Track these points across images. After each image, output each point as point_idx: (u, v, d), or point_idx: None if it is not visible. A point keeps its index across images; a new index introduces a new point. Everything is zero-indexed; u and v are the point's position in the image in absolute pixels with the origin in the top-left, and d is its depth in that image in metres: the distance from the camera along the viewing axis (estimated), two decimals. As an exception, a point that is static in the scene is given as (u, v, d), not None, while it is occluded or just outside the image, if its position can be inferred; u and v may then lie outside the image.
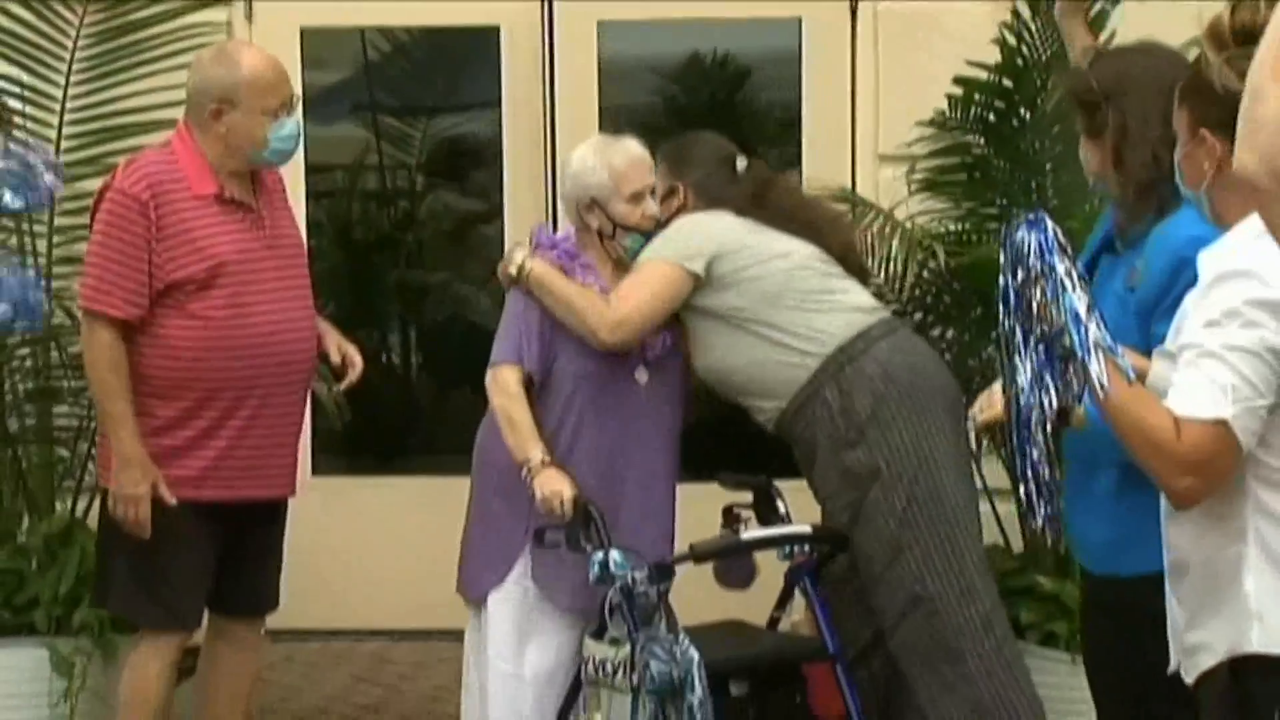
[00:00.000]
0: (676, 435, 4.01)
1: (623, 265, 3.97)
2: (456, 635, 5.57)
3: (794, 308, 3.89)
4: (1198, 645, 2.43)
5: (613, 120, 5.49)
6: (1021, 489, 2.34)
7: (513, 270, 3.89)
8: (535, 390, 3.90)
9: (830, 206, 4.35)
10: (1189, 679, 2.46)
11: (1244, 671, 2.37)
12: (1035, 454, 2.31)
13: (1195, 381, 2.32)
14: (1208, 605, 2.40)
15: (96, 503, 4.69)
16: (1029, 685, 3.83)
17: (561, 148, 5.37)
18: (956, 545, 3.81)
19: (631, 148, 3.95)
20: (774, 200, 4.06)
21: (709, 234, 3.94)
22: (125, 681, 4.07)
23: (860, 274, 4.10)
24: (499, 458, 3.88)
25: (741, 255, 3.91)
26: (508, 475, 3.83)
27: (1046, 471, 2.32)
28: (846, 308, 3.93)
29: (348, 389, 4.16)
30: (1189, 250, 2.82)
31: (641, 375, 3.93)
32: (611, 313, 3.85)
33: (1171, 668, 2.49)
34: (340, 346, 4.14)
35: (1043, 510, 2.33)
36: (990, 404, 3.17)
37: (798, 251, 3.96)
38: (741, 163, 4.11)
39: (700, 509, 4.08)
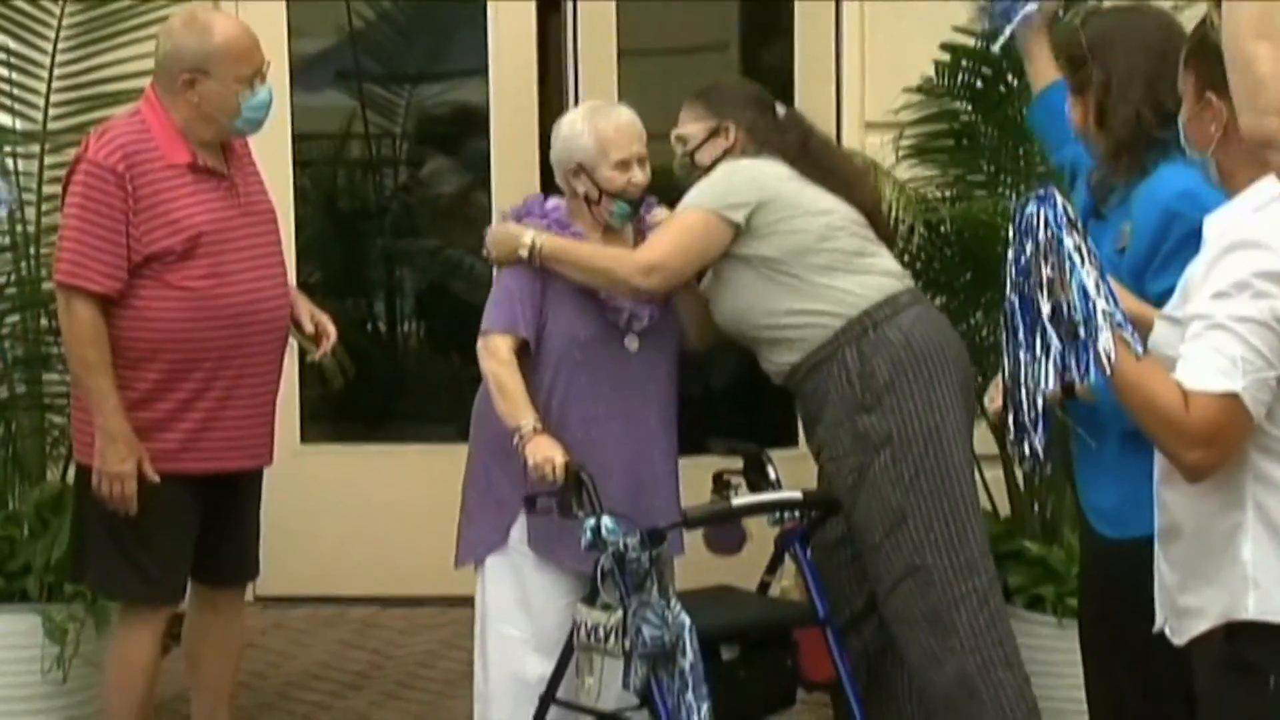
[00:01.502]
0: (671, 405, 4.01)
1: (612, 232, 3.97)
2: (445, 601, 5.63)
3: (825, 266, 3.85)
4: (1190, 609, 2.44)
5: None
6: (1011, 417, 2.34)
7: (523, 252, 3.84)
8: (529, 358, 3.91)
9: (857, 164, 4.29)
10: (1178, 640, 2.48)
11: (1239, 638, 2.39)
12: (1028, 409, 2.33)
13: (1204, 354, 2.32)
14: (1202, 571, 2.42)
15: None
16: (1018, 662, 3.83)
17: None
18: (959, 518, 3.80)
19: (621, 114, 3.95)
20: (814, 150, 4.01)
21: (758, 182, 3.87)
22: (113, 656, 4.08)
23: (887, 238, 4.05)
24: (494, 424, 3.89)
25: (785, 207, 3.86)
26: (503, 441, 3.84)
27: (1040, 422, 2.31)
28: (877, 271, 3.90)
29: (322, 357, 4.12)
30: (1177, 205, 2.86)
31: (632, 343, 3.93)
32: (641, 257, 3.83)
33: (1157, 627, 2.51)
34: (313, 315, 4.11)
35: (1033, 440, 2.33)
36: (993, 390, 3.19)
37: (838, 211, 3.91)
38: (781, 109, 4.06)
39: (691, 478, 4.09)
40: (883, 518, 3.82)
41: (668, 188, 4.09)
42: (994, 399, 3.20)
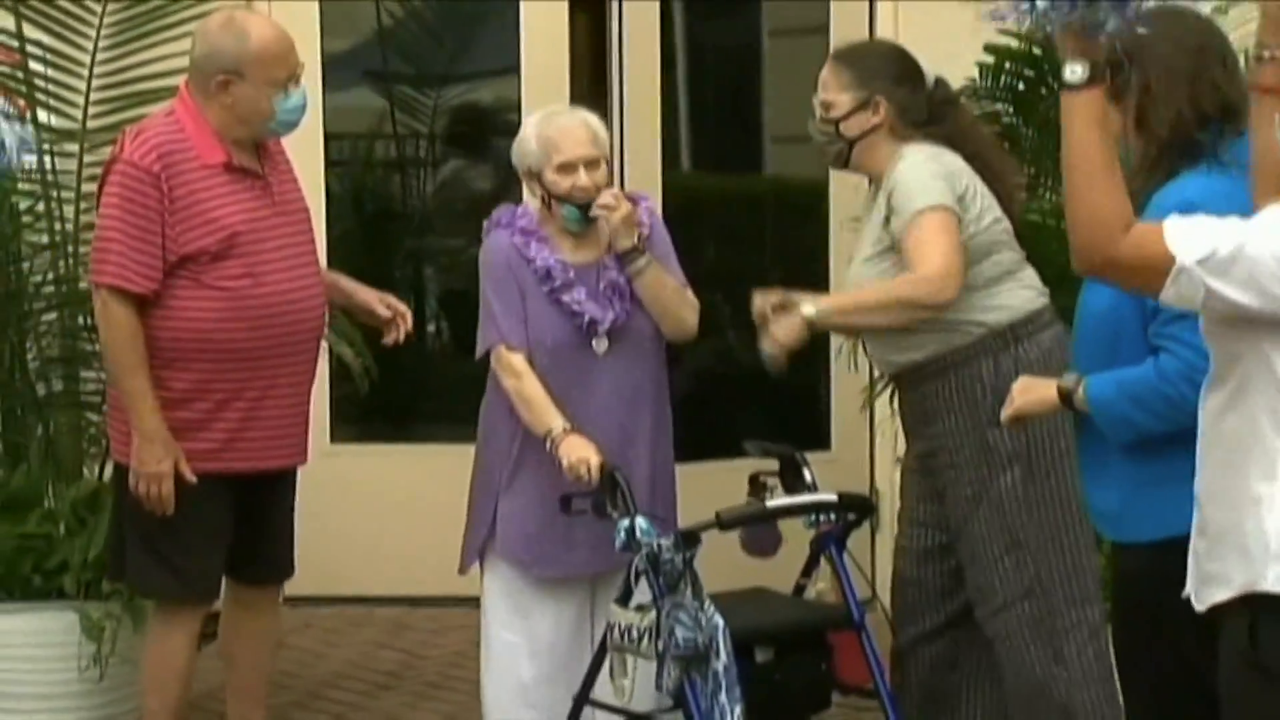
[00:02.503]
0: (654, 405, 3.94)
1: (579, 237, 3.91)
2: (473, 602, 5.58)
3: (990, 277, 3.70)
4: (1213, 575, 2.46)
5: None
6: None
7: (805, 331, 3.62)
8: None
9: (1002, 152, 4.07)
10: (1200, 606, 2.49)
11: (1260, 610, 2.40)
12: None
13: (1204, 228, 2.36)
14: (1229, 538, 2.43)
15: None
16: (1119, 698, 3.62)
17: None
18: (1077, 546, 3.69)
19: (568, 118, 3.91)
20: (970, 135, 3.83)
21: (960, 179, 3.70)
22: (148, 654, 4.09)
23: (1019, 239, 3.88)
24: (495, 431, 3.93)
25: (972, 209, 3.71)
26: (499, 445, 3.89)
27: None
28: (1026, 284, 3.76)
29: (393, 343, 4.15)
30: (1181, 211, 2.82)
31: (600, 346, 3.91)
32: (929, 271, 3.61)
33: (1185, 592, 2.51)
34: (383, 299, 4.14)
35: None
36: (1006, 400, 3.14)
37: (1004, 220, 3.76)
38: (930, 76, 3.87)
39: (726, 480, 4.09)
40: (1002, 535, 3.70)
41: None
42: None
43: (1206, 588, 2.48)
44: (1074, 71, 2.38)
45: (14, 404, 4.77)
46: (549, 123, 3.90)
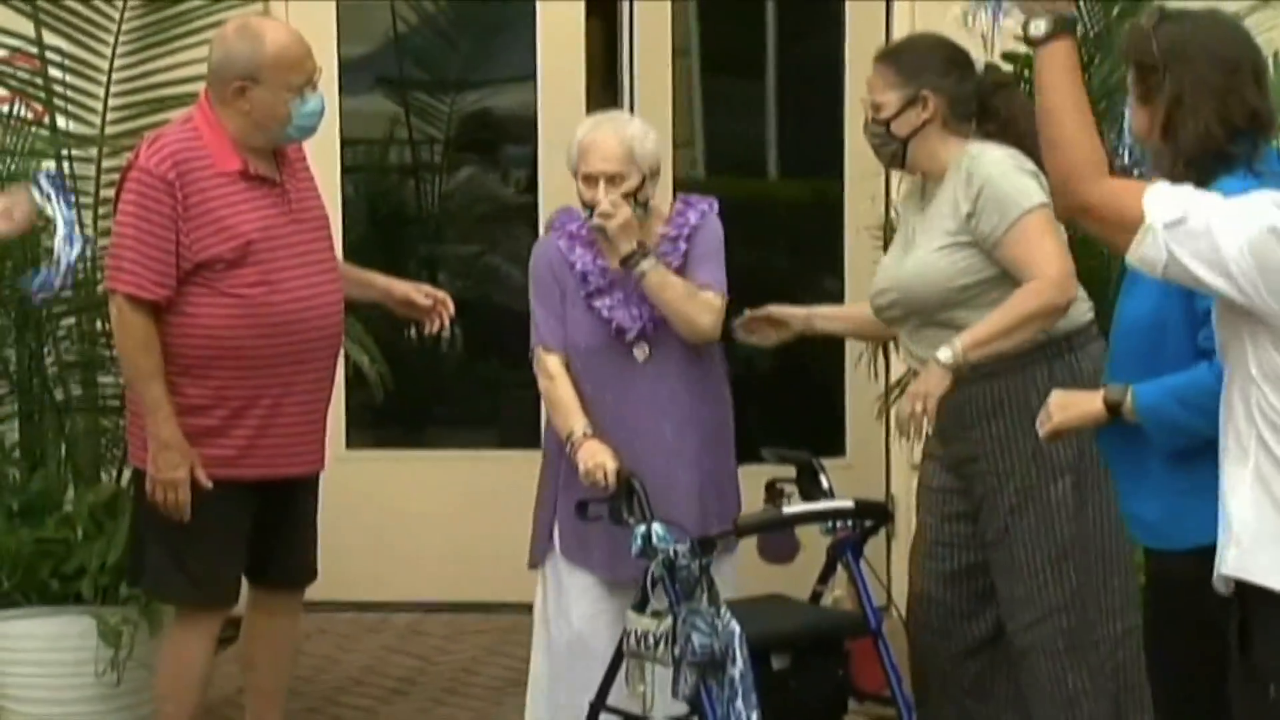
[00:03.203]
0: (699, 411, 3.94)
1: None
2: (488, 608, 5.66)
3: None
4: (1220, 558, 2.52)
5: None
6: None
7: (941, 384, 3.52)
8: None
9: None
10: (1223, 589, 2.54)
11: (1242, 590, 2.47)
12: None
13: (1182, 197, 2.42)
14: (1222, 520, 2.50)
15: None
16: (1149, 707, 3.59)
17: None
18: (1116, 559, 3.66)
19: (606, 129, 3.92)
20: (1023, 121, 3.65)
21: (1039, 175, 3.58)
22: (164, 659, 4.09)
23: None
24: (552, 432, 3.94)
25: None
26: (553, 447, 3.89)
27: None
28: (1081, 295, 3.69)
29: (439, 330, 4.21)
30: None
31: (640, 353, 3.93)
32: (1051, 274, 3.56)
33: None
34: (419, 289, 4.18)
35: None
36: (1043, 415, 3.09)
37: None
38: (979, 63, 3.83)
39: (743, 486, 4.09)
40: (1048, 545, 3.66)
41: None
42: None
43: (1218, 570, 2.54)
44: (1036, 26, 2.48)
45: (32, 408, 4.78)
46: (590, 129, 3.94)
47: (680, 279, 3.92)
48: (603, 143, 3.88)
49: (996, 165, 3.65)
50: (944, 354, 3.53)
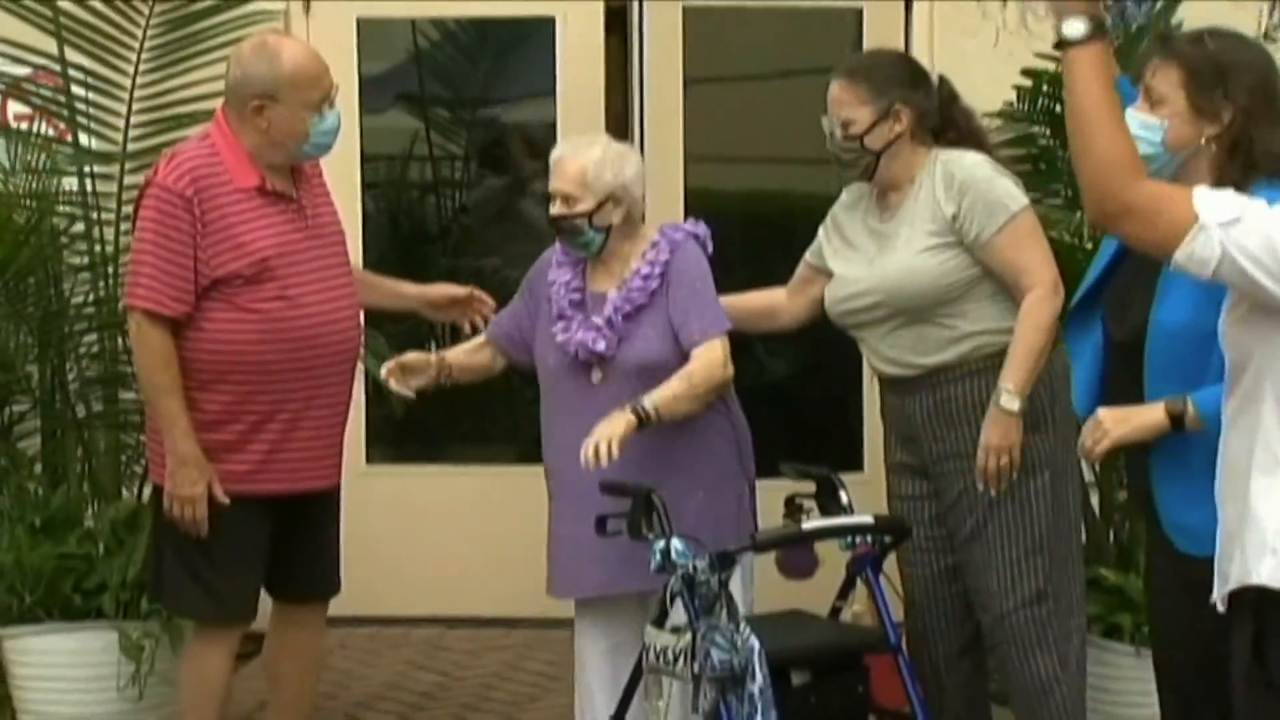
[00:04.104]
0: (648, 438, 3.82)
1: (597, 263, 3.98)
2: (509, 623, 5.65)
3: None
4: (1224, 574, 2.50)
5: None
6: None
7: (1012, 431, 3.70)
8: None
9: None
10: (1221, 607, 2.53)
11: (1265, 619, 2.43)
12: None
13: (1234, 199, 2.42)
14: (1235, 535, 2.47)
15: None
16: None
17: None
18: (1078, 554, 3.84)
19: (567, 150, 3.99)
20: (978, 134, 3.95)
21: (1007, 175, 3.82)
22: (185, 674, 4.10)
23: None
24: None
25: None
26: None
27: None
28: None
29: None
30: None
31: (596, 375, 3.94)
32: (1047, 281, 3.71)
33: (1213, 598, 2.54)
34: (455, 288, 4.27)
35: None
36: (1097, 433, 3.14)
37: None
38: (935, 77, 3.96)
39: (761, 501, 4.09)
40: (1024, 538, 3.79)
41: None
42: (1092, 439, 3.15)
43: (1221, 587, 2.52)
44: (1075, 28, 2.46)
45: (54, 425, 4.81)
46: (559, 149, 4.02)
47: (675, 382, 3.82)
48: (561, 164, 3.97)
49: (978, 168, 3.80)
50: (1007, 401, 3.68)
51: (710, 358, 3.86)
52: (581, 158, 3.94)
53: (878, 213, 3.93)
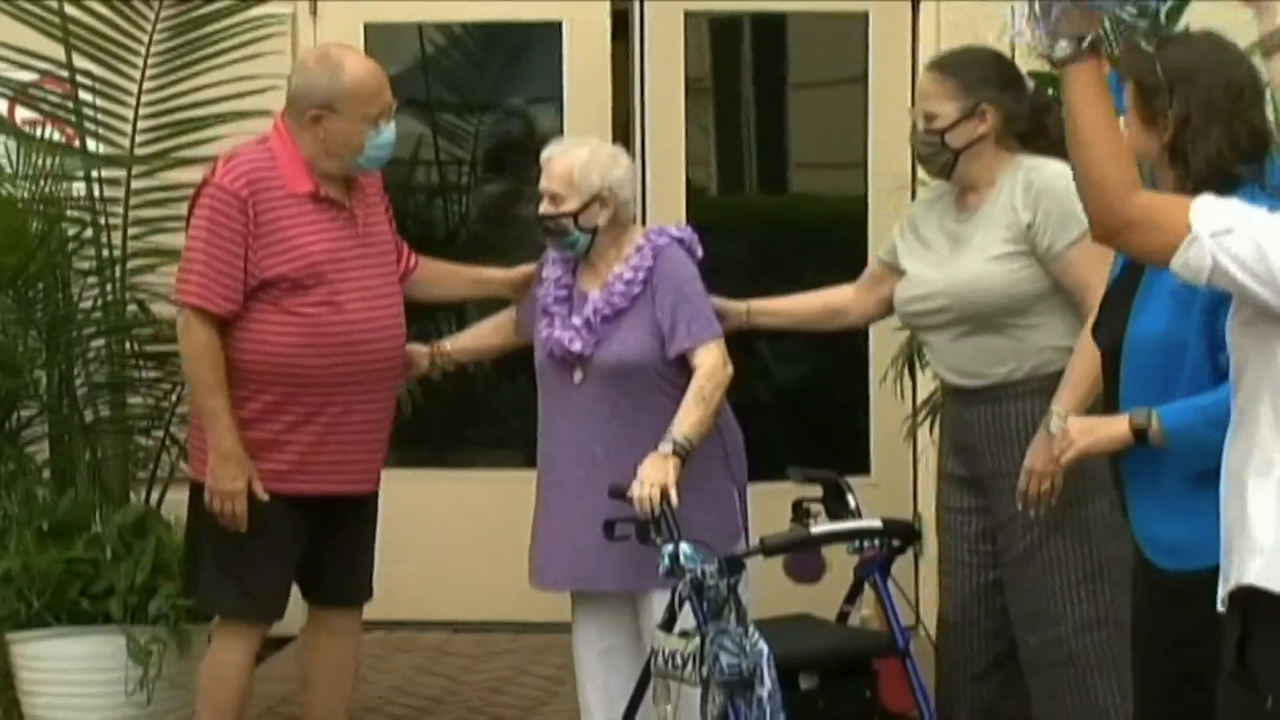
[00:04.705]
0: (629, 438, 3.84)
1: (586, 261, 3.98)
2: (516, 627, 5.66)
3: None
4: (1226, 574, 2.51)
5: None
6: None
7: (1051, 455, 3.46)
8: None
9: None
10: (1221, 608, 2.53)
11: (1247, 601, 2.45)
12: None
13: (1229, 208, 2.43)
14: (1230, 538, 2.49)
15: (172, 493, 4.77)
16: None
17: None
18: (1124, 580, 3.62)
19: (557, 150, 3.99)
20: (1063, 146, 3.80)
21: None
22: (204, 670, 4.10)
23: None
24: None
25: None
26: None
27: None
28: None
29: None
30: None
31: (577, 375, 3.95)
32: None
33: (1218, 601, 2.54)
34: (530, 266, 4.18)
35: None
36: (1064, 443, 3.11)
37: None
38: (1029, 81, 3.82)
39: (769, 505, 4.08)
40: (1082, 562, 3.66)
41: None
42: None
43: (1222, 588, 2.52)
44: (1061, 48, 2.49)
45: (61, 429, 4.81)
46: (549, 149, 4.01)
47: (692, 407, 3.82)
48: (550, 164, 3.97)
49: (1059, 178, 3.58)
50: (1055, 425, 3.48)
51: (711, 366, 3.87)
52: (569, 158, 3.96)
53: (955, 213, 3.83)
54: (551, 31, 5.80)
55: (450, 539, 5.78)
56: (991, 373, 3.73)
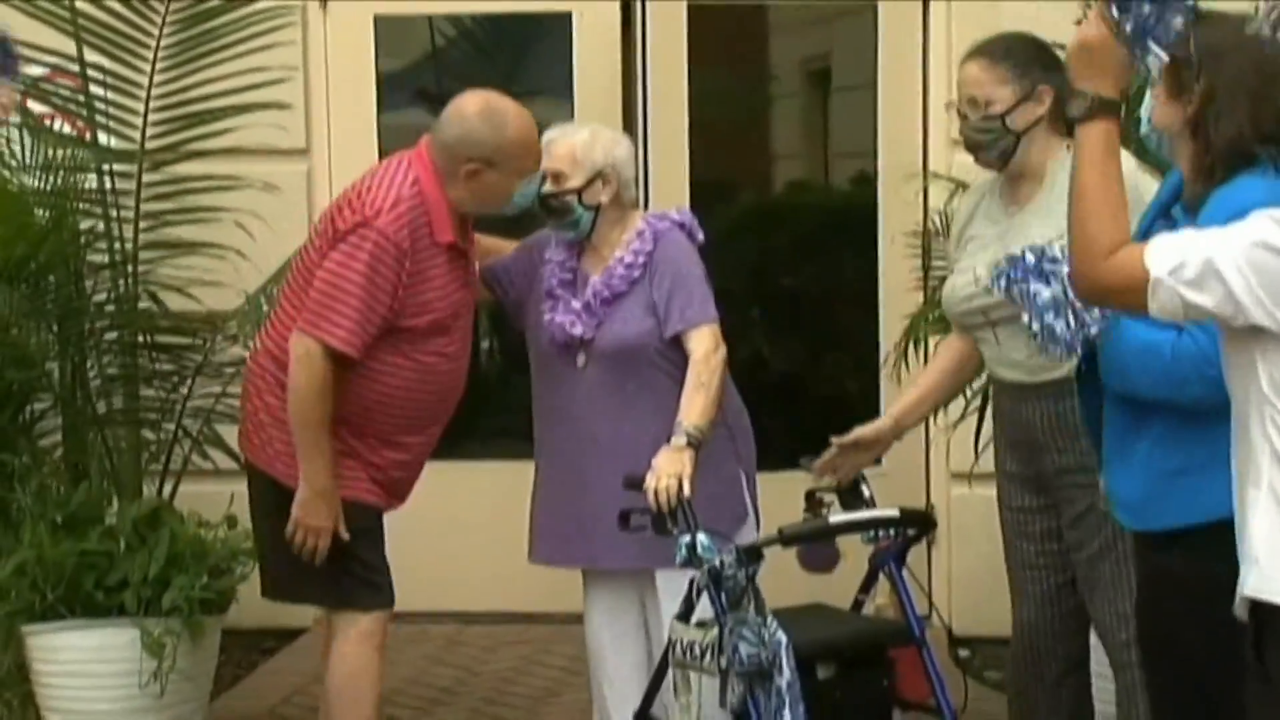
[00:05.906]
0: (633, 423, 3.90)
1: (588, 245, 4.00)
2: (527, 618, 5.65)
3: None
4: (1241, 581, 2.51)
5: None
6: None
7: None
8: None
9: None
10: (1238, 613, 2.54)
11: (1263, 622, 2.46)
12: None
13: (1178, 242, 2.46)
14: (1240, 544, 2.51)
15: (185, 485, 4.78)
16: None
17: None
18: None
19: (552, 132, 4.03)
20: None
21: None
22: (343, 674, 3.99)
23: None
24: None
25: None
26: None
27: None
28: None
29: None
30: (1238, 216, 2.80)
31: (580, 359, 3.97)
32: None
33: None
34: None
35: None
36: None
37: None
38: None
39: (783, 494, 4.08)
40: None
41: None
42: None
43: (1239, 592, 2.53)
44: (1075, 106, 2.54)
45: (75, 422, 4.81)
46: (549, 132, 4.03)
47: (695, 396, 3.85)
48: (552, 145, 3.99)
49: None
50: None
51: (704, 351, 3.89)
52: (571, 138, 4.00)
53: (1004, 205, 3.78)
54: (561, 23, 5.79)
55: (462, 530, 5.77)
56: (1054, 367, 3.59)
